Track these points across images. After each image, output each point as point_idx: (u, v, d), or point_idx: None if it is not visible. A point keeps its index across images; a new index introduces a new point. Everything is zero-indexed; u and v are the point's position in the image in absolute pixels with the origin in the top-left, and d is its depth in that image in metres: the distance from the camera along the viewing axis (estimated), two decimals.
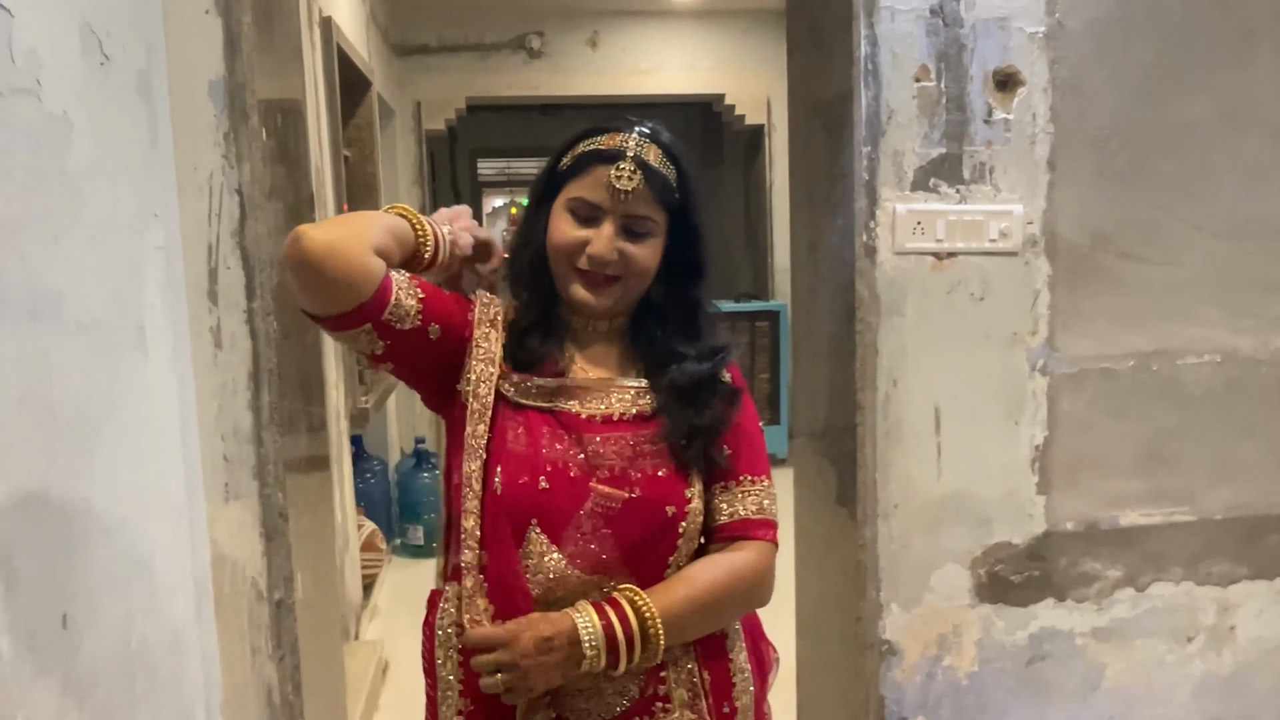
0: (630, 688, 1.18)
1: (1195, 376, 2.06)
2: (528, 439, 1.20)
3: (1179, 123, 2.00)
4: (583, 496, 1.17)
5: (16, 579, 1.11)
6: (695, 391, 1.22)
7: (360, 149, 4.37)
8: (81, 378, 1.29)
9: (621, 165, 1.18)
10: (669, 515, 1.19)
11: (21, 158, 1.16)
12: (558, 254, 1.23)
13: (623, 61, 6.12)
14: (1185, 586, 2.11)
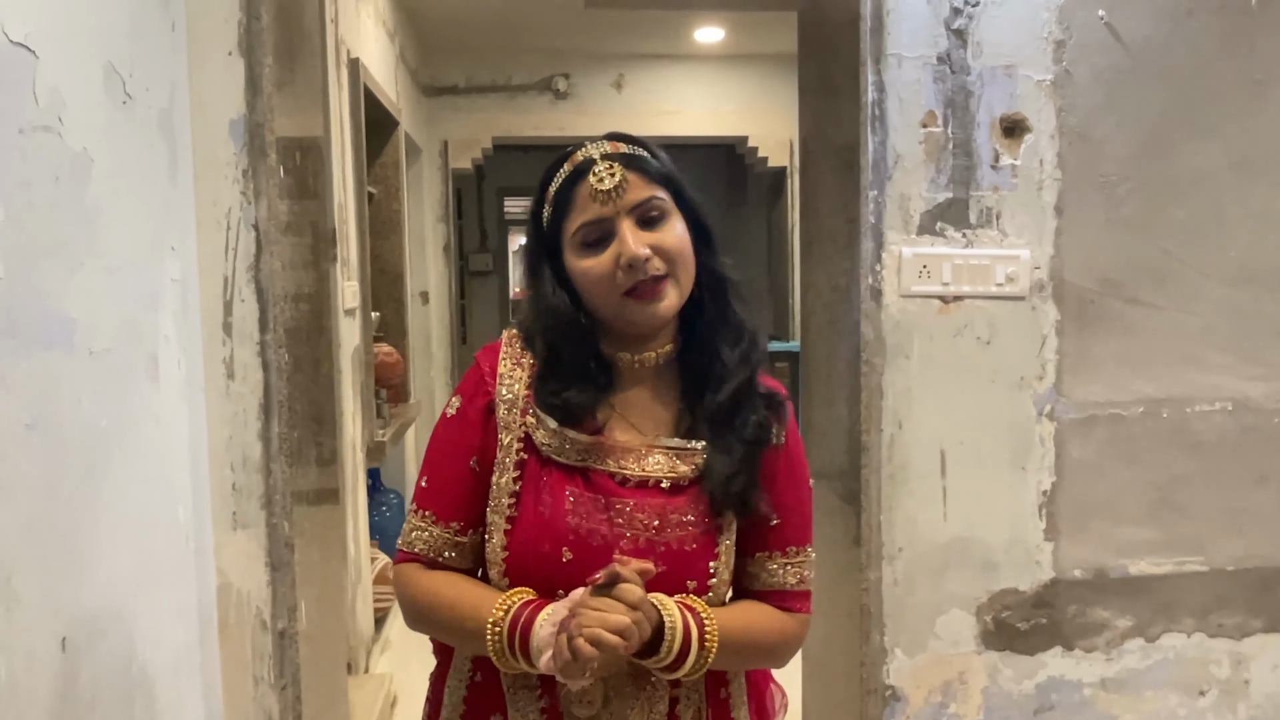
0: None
1: (1206, 424, 2.04)
2: (553, 502, 1.13)
3: (1188, 170, 2.00)
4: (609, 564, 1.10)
5: (17, 600, 1.13)
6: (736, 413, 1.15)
7: (385, 186, 4.45)
8: (91, 404, 1.32)
9: (596, 169, 1.12)
10: (689, 589, 1.14)
11: (41, 191, 1.20)
12: (596, 292, 1.13)
13: (647, 103, 6.20)
14: (1197, 638, 2.07)
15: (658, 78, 6.19)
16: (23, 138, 1.16)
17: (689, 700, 1.17)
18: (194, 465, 1.71)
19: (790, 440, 1.23)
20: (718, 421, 1.16)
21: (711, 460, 1.15)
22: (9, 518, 1.11)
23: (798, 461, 1.23)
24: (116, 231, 1.41)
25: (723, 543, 1.16)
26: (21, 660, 1.14)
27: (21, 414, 1.14)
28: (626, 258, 1.10)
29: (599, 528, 1.12)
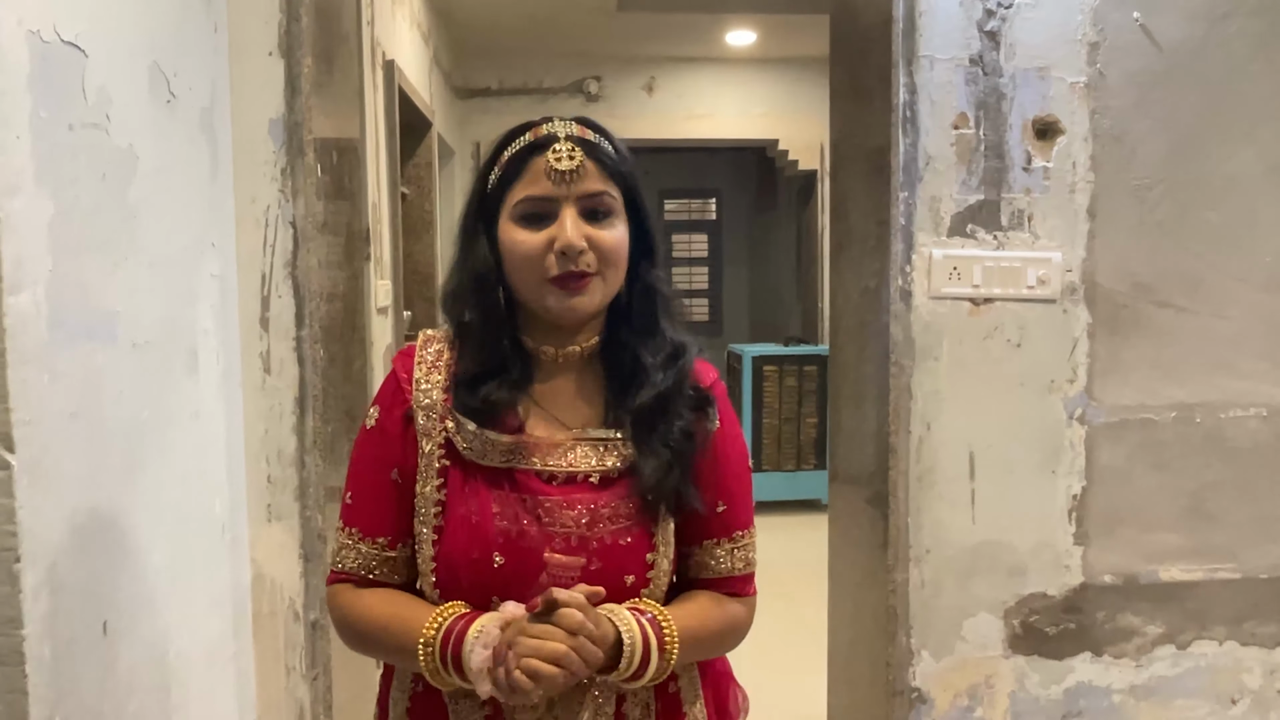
0: None
1: (1240, 430, 2.01)
2: (479, 508, 1.07)
3: (1222, 174, 1.98)
4: (538, 568, 1.06)
5: (61, 586, 1.16)
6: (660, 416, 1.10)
7: (418, 187, 4.49)
8: (133, 397, 1.35)
9: (557, 147, 1.05)
10: (628, 584, 1.09)
11: (87, 187, 1.23)
12: (522, 268, 1.07)
13: (678, 106, 6.21)
14: (1229, 646, 2.05)
15: (689, 81, 6.19)
16: (72, 134, 1.19)
17: (636, 698, 1.11)
18: (230, 458, 1.75)
19: (725, 423, 1.16)
20: (641, 423, 1.10)
21: (640, 464, 1.09)
22: (53, 504, 1.14)
23: (734, 444, 1.17)
24: (158, 227, 1.45)
25: (660, 534, 1.10)
26: (65, 643, 1.16)
27: (66, 403, 1.17)
28: (561, 244, 1.04)
29: (529, 529, 1.06)
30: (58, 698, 1.15)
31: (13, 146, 1.07)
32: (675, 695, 1.15)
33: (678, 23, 5.22)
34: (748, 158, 8.79)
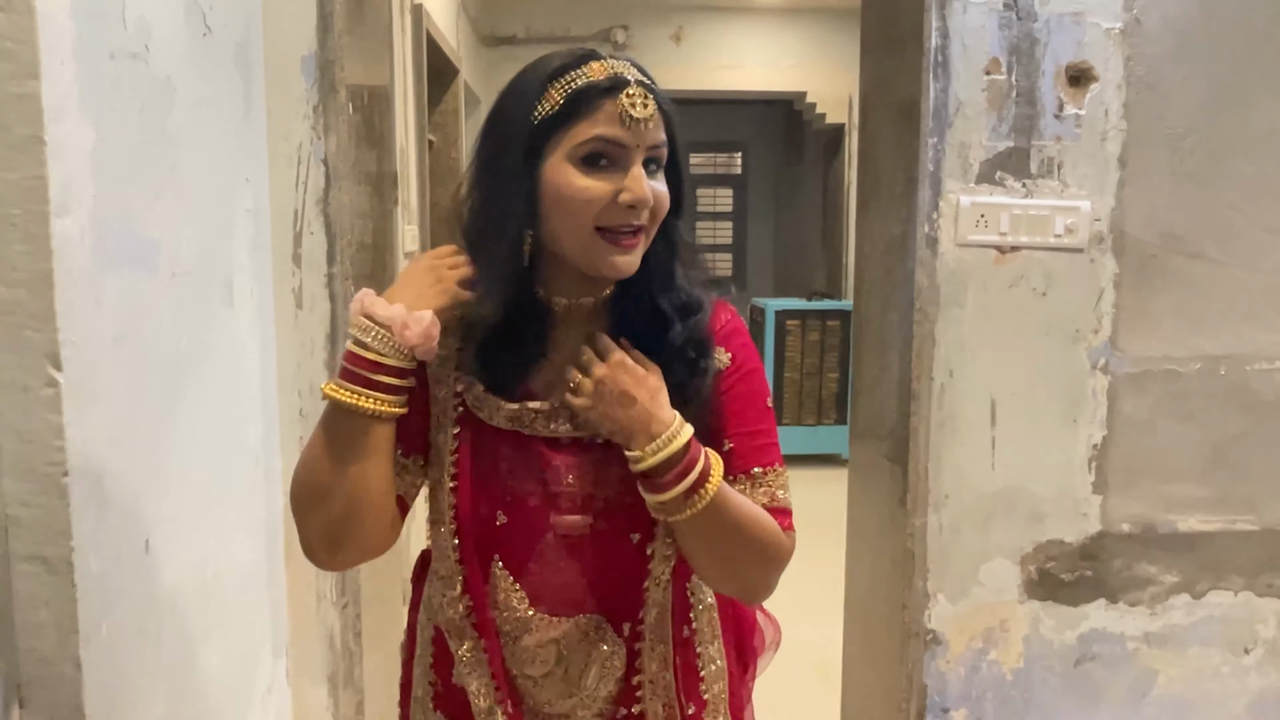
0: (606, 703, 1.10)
1: (1266, 383, 2.01)
2: (489, 465, 1.06)
3: (1260, 124, 1.95)
4: (543, 529, 1.05)
5: (107, 502, 1.20)
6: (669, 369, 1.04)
7: (445, 134, 4.49)
8: (172, 324, 1.39)
9: (631, 91, 0.97)
10: (634, 542, 1.06)
11: (128, 116, 1.26)
12: (577, 214, 0.99)
13: (706, 57, 6.16)
14: (1244, 597, 2.07)
15: (717, 31, 6.13)
16: (113, 63, 1.21)
17: (653, 651, 1.09)
18: (264, 391, 1.79)
19: (738, 360, 1.10)
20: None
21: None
22: (98, 424, 1.18)
23: (746, 381, 1.10)
24: (195, 160, 1.47)
25: None
26: (110, 557, 1.21)
27: (110, 327, 1.21)
28: (635, 197, 0.97)
29: (533, 491, 1.05)
30: (104, 609, 1.20)
31: (57, 72, 1.09)
32: (689, 640, 1.14)
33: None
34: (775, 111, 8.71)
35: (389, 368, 0.98)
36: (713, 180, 9.65)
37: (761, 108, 8.74)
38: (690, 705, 1.12)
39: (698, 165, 9.53)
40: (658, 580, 1.08)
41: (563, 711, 1.09)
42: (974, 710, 2.06)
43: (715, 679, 1.16)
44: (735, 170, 9.71)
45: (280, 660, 1.88)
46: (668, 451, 0.97)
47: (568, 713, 1.09)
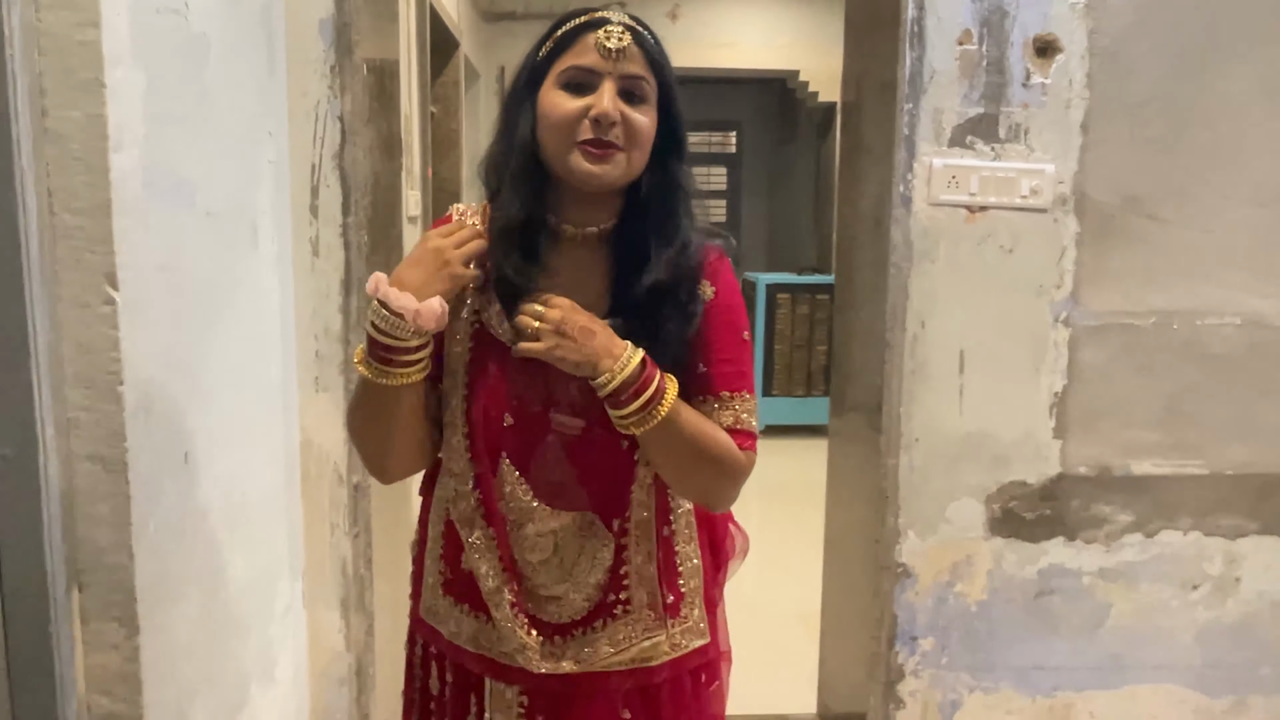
0: (596, 589, 1.22)
1: (1216, 337, 2.16)
2: (497, 374, 1.19)
3: (1216, 94, 2.09)
4: (545, 430, 1.18)
5: (153, 412, 1.34)
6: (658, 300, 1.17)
7: (445, 106, 4.61)
8: (207, 258, 1.52)
9: (609, 27, 1.13)
10: (623, 447, 1.19)
11: (171, 65, 1.39)
12: (556, 129, 1.13)
13: (702, 35, 6.26)
14: (1193, 536, 2.22)
15: (713, 8, 6.24)
16: (159, 17, 1.34)
17: (638, 546, 1.22)
18: (283, 332, 1.92)
19: (724, 292, 1.22)
20: (641, 306, 1.17)
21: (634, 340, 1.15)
22: (147, 341, 1.32)
23: (731, 312, 1.23)
24: (226, 111, 1.60)
25: None
26: (156, 463, 1.35)
27: (156, 254, 1.34)
28: (598, 110, 1.11)
29: (536, 397, 1.18)
30: (150, 509, 1.34)
31: (114, 23, 1.22)
32: (669, 538, 1.27)
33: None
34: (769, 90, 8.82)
35: (406, 348, 1.11)
36: (707, 159, 9.76)
37: (756, 87, 8.84)
38: (669, 595, 1.26)
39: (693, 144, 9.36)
40: (642, 483, 1.22)
41: (557, 594, 1.22)
42: (941, 639, 2.21)
43: (691, 575, 1.30)
44: (730, 149, 9.82)
45: (296, 583, 2.02)
46: (626, 373, 1.10)
47: (561, 595, 1.22)
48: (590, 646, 1.22)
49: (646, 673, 1.24)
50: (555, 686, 1.23)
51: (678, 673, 1.26)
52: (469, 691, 1.28)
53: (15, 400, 1.18)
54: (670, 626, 1.25)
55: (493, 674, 1.25)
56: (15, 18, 1.13)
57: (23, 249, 1.16)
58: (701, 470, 1.18)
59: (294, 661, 2.01)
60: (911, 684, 2.22)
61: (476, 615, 1.24)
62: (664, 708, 1.25)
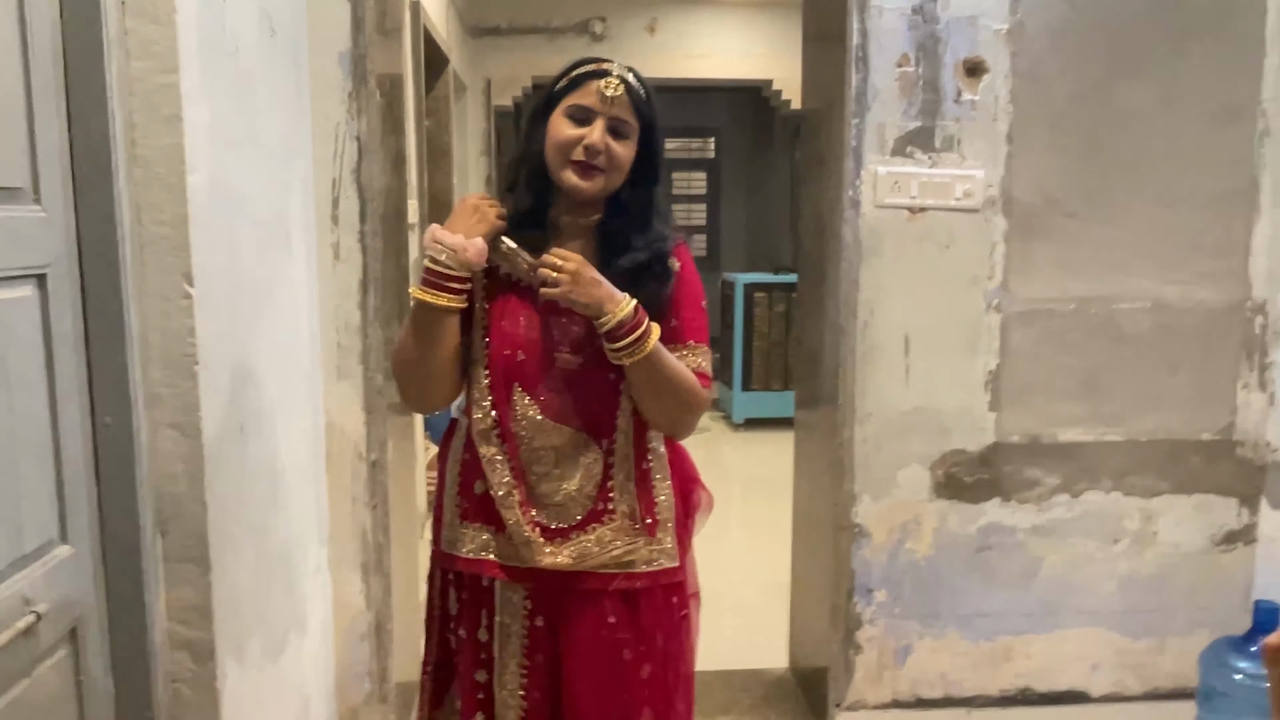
0: (588, 500, 1.53)
1: (1128, 320, 2.46)
2: (510, 321, 1.52)
3: (1122, 108, 2.39)
4: (549, 364, 1.51)
5: (217, 390, 1.60)
6: (635, 277, 1.49)
7: (438, 119, 4.87)
8: (255, 260, 1.79)
9: (609, 79, 1.48)
10: (611, 379, 1.51)
11: (228, 99, 1.65)
12: (557, 149, 1.48)
13: (679, 47, 6.54)
14: (1114, 496, 2.52)
15: (689, 22, 6.52)
16: (219, 60, 1.61)
17: (622, 468, 1.54)
18: (310, 325, 2.19)
19: (686, 269, 1.57)
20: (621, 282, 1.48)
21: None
22: (213, 330, 1.58)
23: (692, 285, 1.57)
24: (266, 134, 1.87)
25: None
26: (220, 432, 1.61)
27: (219, 257, 1.61)
28: (589, 141, 1.47)
29: (542, 336, 1.52)
30: (215, 470, 1.60)
31: (187, 68, 1.48)
32: (646, 470, 1.59)
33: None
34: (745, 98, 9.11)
35: (455, 277, 1.48)
36: (687, 164, 10.05)
37: (732, 95, 9.14)
38: (647, 517, 1.57)
39: (673, 150, 9.91)
40: (625, 411, 1.55)
41: (558, 501, 1.53)
42: (893, 590, 2.50)
43: (665, 507, 1.60)
44: (709, 154, 10.11)
45: (323, 548, 2.28)
46: (623, 312, 1.43)
47: (562, 502, 1.53)
48: (582, 545, 1.52)
49: (627, 577, 1.53)
50: (554, 586, 1.52)
51: (653, 585, 1.55)
52: (480, 606, 1.57)
53: (114, 378, 1.44)
54: (647, 542, 1.54)
55: (503, 576, 1.53)
56: (113, 67, 1.40)
57: (120, 254, 1.42)
58: (672, 399, 1.51)
59: (322, 617, 2.27)
60: (868, 631, 2.51)
61: (489, 529, 1.54)
62: (643, 614, 1.53)
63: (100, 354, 1.42)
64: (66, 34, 1.34)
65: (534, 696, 1.55)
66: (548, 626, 1.56)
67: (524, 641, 1.56)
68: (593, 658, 1.53)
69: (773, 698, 2.76)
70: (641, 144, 1.53)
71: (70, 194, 1.37)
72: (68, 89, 1.35)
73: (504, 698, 1.56)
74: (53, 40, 1.33)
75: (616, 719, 1.54)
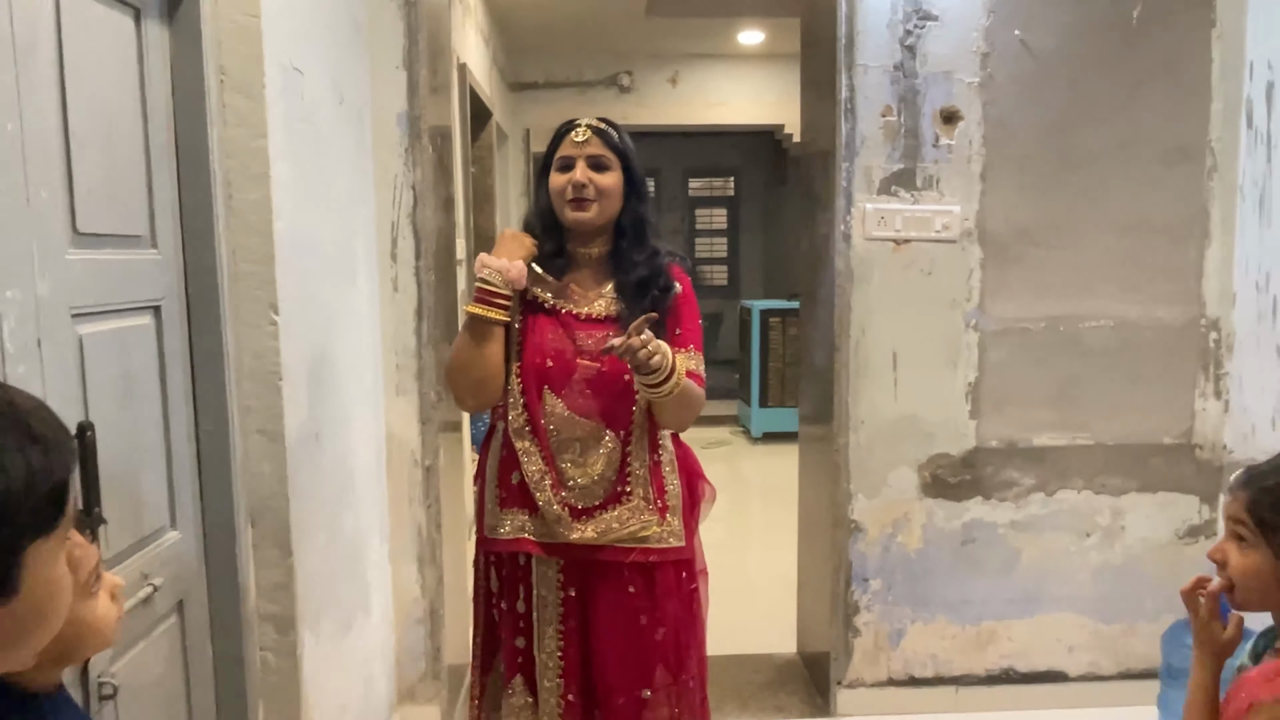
0: (610, 484, 1.68)
1: (1094, 336, 2.56)
2: (539, 335, 1.71)
3: (1082, 149, 2.50)
4: (574, 370, 1.69)
5: (297, 403, 1.76)
6: (642, 289, 1.69)
7: (482, 165, 5.07)
8: (328, 293, 1.95)
9: (577, 128, 1.72)
10: (625, 380, 1.67)
11: (305, 160, 1.83)
12: (555, 195, 1.71)
13: (698, 96, 6.72)
14: (1085, 494, 2.60)
15: (707, 74, 6.70)
16: (299, 126, 1.79)
17: (638, 457, 1.70)
18: (373, 348, 2.35)
19: (686, 289, 1.75)
20: (631, 295, 1.69)
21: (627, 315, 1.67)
22: (294, 351, 1.74)
23: (692, 303, 1.75)
24: (337, 185, 2.04)
25: None
26: (299, 438, 1.77)
27: (298, 290, 1.77)
28: (572, 180, 1.68)
29: (567, 347, 1.69)
30: (296, 470, 1.76)
31: (274, 134, 1.66)
32: (658, 462, 1.74)
33: (697, 25, 5.74)
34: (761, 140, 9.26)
35: (501, 294, 1.67)
36: (709, 202, 10.22)
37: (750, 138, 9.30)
38: (659, 500, 1.70)
39: (696, 189, 10.09)
40: (639, 406, 1.70)
41: (584, 485, 1.68)
42: (887, 580, 2.60)
43: (674, 495, 1.74)
44: (729, 192, 10.27)
45: (385, 543, 2.44)
46: (666, 370, 1.60)
47: (587, 485, 1.68)
48: (605, 522, 1.67)
49: (643, 552, 1.67)
50: (582, 558, 1.67)
51: (664, 561, 1.69)
52: (518, 582, 1.72)
53: (214, 392, 1.60)
54: (659, 522, 1.68)
55: (539, 551, 1.67)
56: (214, 134, 1.57)
57: (219, 288, 1.59)
58: (682, 410, 1.69)
59: (383, 603, 2.42)
60: (865, 617, 2.61)
61: (525, 511, 1.68)
62: (657, 586, 1.67)
63: (203, 372, 1.58)
64: (177, 108, 1.52)
65: (569, 656, 1.69)
66: (578, 597, 1.70)
67: (559, 610, 1.70)
68: (615, 622, 1.67)
69: (782, 678, 2.86)
70: (624, 171, 1.72)
71: (179, 239, 1.54)
72: (178, 153, 1.53)
73: (543, 659, 1.71)
74: (166, 113, 1.50)
75: (636, 672, 1.68)
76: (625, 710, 1.70)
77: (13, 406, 0.61)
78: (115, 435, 1.32)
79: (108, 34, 1.34)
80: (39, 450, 0.60)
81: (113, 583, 1.01)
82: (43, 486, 0.60)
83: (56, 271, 1.19)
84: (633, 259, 1.72)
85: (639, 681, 1.70)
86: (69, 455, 0.65)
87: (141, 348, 1.43)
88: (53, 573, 0.64)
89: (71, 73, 1.23)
